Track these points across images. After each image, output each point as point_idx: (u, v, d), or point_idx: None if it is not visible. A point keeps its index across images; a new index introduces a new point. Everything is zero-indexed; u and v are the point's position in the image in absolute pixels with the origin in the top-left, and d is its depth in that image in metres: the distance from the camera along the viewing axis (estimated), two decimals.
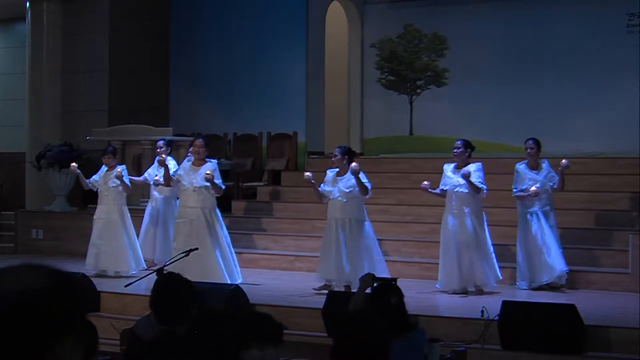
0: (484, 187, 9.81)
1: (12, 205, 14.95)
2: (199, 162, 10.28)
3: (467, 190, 9.80)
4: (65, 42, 15.15)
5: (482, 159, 10.51)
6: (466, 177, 9.66)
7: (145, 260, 11.39)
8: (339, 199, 9.86)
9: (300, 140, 14.48)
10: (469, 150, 9.97)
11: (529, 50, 14.37)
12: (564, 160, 10.01)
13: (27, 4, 15.16)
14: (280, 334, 4.32)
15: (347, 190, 9.82)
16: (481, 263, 9.82)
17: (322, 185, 10.04)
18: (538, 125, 13.62)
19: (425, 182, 10.01)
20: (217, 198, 10.41)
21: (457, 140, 10.19)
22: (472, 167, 9.83)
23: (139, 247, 11.43)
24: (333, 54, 15.69)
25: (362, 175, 9.77)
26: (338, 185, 9.90)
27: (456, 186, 9.88)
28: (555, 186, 10.17)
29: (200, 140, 10.42)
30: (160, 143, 11.68)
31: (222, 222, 10.35)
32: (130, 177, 11.66)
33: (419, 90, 15.40)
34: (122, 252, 11.21)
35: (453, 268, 9.87)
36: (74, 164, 11.54)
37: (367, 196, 9.83)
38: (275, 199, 13.80)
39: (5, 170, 16.08)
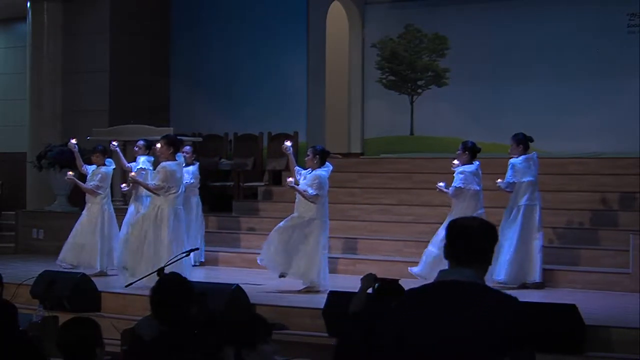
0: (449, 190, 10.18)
1: (13, 205, 14.96)
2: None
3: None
4: (65, 42, 15.15)
5: (482, 159, 10.56)
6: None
7: None
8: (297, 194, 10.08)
9: (301, 140, 14.47)
10: (467, 152, 10.33)
11: (530, 50, 14.37)
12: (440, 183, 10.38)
13: (28, 4, 15.18)
14: (269, 330, 4.45)
15: (303, 187, 9.99)
16: None
17: (299, 168, 10.25)
18: (538, 125, 13.60)
19: (441, 183, 10.30)
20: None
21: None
22: (459, 169, 10.26)
23: (113, 248, 11.33)
24: (334, 54, 15.68)
25: (307, 183, 9.92)
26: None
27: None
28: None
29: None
30: (140, 143, 11.58)
31: (170, 222, 10.01)
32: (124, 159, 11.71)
33: (419, 90, 15.40)
34: (93, 250, 11.26)
35: None
36: (73, 140, 11.54)
37: (311, 200, 9.92)
38: (276, 199, 13.79)
39: (5, 170, 16.08)
